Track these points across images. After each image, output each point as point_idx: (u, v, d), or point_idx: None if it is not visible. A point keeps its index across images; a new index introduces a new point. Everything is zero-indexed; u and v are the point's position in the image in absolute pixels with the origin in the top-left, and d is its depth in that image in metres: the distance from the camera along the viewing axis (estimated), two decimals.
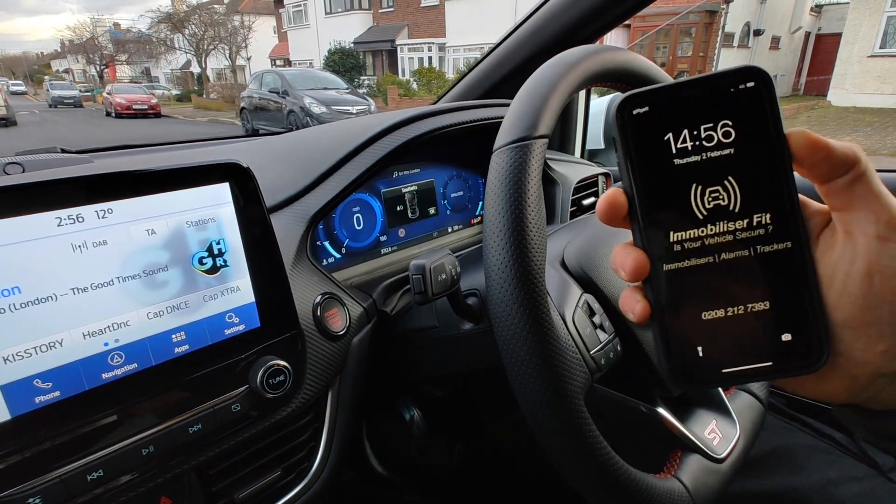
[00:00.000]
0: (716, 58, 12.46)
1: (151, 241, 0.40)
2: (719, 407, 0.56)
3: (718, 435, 0.52)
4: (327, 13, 20.07)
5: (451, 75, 14.80)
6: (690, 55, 12.93)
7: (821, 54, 15.17)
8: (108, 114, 17.45)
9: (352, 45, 18.33)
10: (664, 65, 12.72)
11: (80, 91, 25.96)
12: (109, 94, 17.86)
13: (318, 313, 0.54)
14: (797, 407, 0.97)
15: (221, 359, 0.45)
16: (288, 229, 0.57)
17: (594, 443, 0.40)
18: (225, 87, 22.10)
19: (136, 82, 28.14)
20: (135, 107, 16.73)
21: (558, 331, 0.40)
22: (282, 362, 0.47)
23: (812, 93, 14.52)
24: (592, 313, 0.46)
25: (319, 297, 0.55)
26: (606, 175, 0.97)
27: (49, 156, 0.65)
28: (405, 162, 0.76)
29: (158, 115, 17.27)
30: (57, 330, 0.37)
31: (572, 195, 0.85)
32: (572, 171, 0.89)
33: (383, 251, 0.75)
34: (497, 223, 0.39)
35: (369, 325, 0.62)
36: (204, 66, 21.69)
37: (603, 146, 1.23)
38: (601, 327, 0.46)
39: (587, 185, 0.91)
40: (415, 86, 14.61)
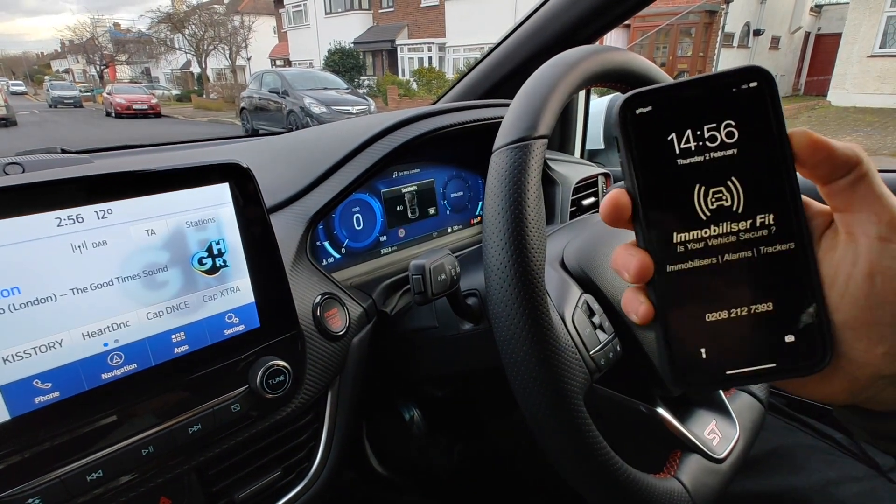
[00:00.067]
0: (716, 58, 12.46)
1: (151, 241, 0.40)
2: (719, 407, 0.56)
3: (718, 435, 0.52)
4: (327, 13, 20.07)
5: (451, 75, 14.80)
6: (690, 55, 12.93)
7: (821, 54, 15.17)
8: (108, 114, 17.45)
9: (352, 45, 18.33)
10: (664, 65, 12.73)
11: (80, 91, 25.95)
12: (109, 94, 17.86)
13: (318, 313, 0.54)
14: (797, 407, 0.97)
15: (221, 359, 0.45)
16: (288, 229, 0.57)
17: (594, 443, 0.40)
18: (225, 87, 22.10)
19: (136, 82, 28.15)
20: (135, 107, 16.73)
21: (558, 331, 0.40)
22: (281, 362, 0.47)
23: (812, 93, 14.53)
24: (592, 313, 0.46)
25: (319, 297, 0.55)
26: (606, 175, 0.97)
27: (49, 156, 0.65)
28: (405, 162, 0.76)
29: (158, 116, 17.27)
30: (56, 330, 0.37)
31: (572, 195, 0.85)
32: (572, 171, 0.89)
33: (383, 251, 0.75)
34: (497, 223, 0.39)
35: (369, 326, 0.62)
36: (204, 66, 21.69)
37: (603, 146, 1.23)
38: (601, 327, 0.46)
39: (587, 186, 0.91)
40: (415, 86, 14.61)
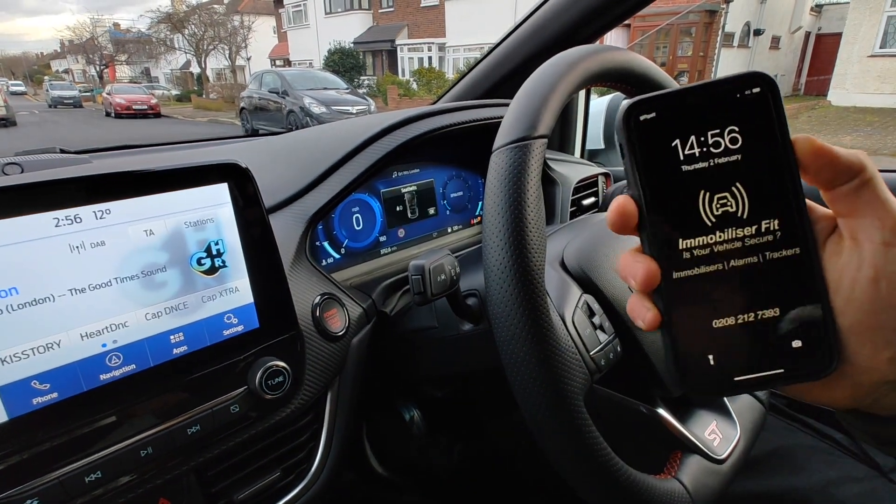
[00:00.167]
0: (716, 58, 12.46)
1: (150, 241, 0.40)
2: (720, 408, 0.56)
3: (719, 436, 0.52)
4: (327, 13, 20.07)
5: (450, 75, 14.79)
6: (690, 55, 12.93)
7: (821, 54, 15.18)
8: (108, 114, 17.44)
9: (352, 45, 18.33)
10: (664, 65, 12.72)
11: (80, 91, 25.93)
12: (109, 94, 17.86)
13: (318, 314, 0.54)
14: (798, 407, 0.96)
15: (220, 360, 0.45)
16: (287, 230, 0.57)
17: (594, 443, 0.40)
18: (225, 87, 22.10)
19: (135, 82, 28.12)
20: (134, 107, 16.72)
21: (558, 331, 0.40)
22: (281, 363, 0.47)
23: (812, 93, 14.53)
24: (592, 314, 0.46)
25: (318, 297, 0.55)
26: (606, 175, 0.97)
27: (48, 156, 0.65)
28: (405, 162, 0.76)
29: (158, 116, 17.26)
30: (55, 331, 0.37)
31: (572, 195, 0.85)
32: (572, 171, 0.88)
33: (383, 251, 0.75)
34: (496, 223, 0.39)
35: (369, 326, 0.62)
36: (204, 66, 21.69)
37: (603, 146, 1.23)
38: (601, 328, 0.46)
39: (587, 186, 0.91)
40: (415, 86, 14.61)
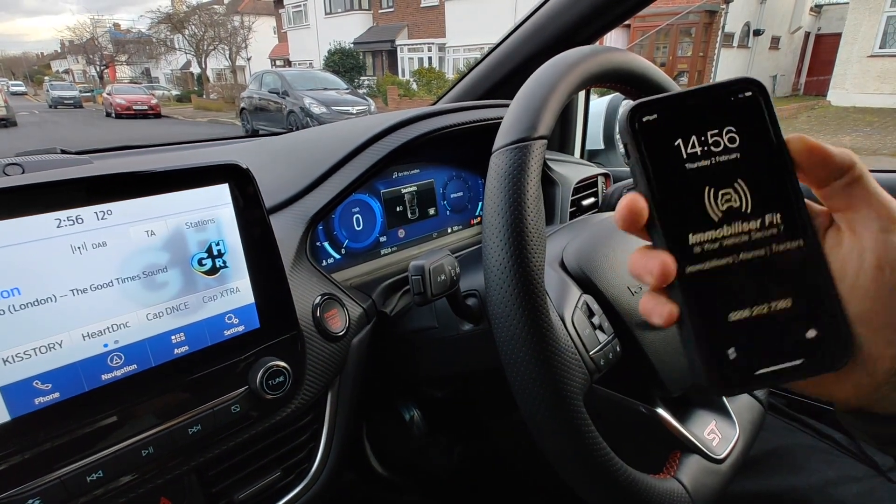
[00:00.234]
0: (716, 58, 12.46)
1: (151, 242, 0.40)
2: (719, 407, 0.56)
3: (718, 435, 0.52)
4: (327, 13, 20.07)
5: (450, 76, 14.79)
6: (690, 55, 12.92)
7: (821, 54, 15.17)
8: (108, 114, 17.43)
9: (352, 45, 18.33)
10: (664, 65, 12.72)
11: (80, 91, 25.90)
12: (109, 94, 17.85)
13: (318, 314, 0.54)
14: (797, 407, 0.97)
15: (221, 360, 0.45)
16: (287, 230, 0.57)
17: (593, 444, 0.40)
18: (225, 87, 22.10)
19: (136, 83, 28.11)
20: (135, 107, 16.72)
21: (557, 332, 0.40)
22: (281, 363, 0.48)
23: (812, 93, 14.53)
24: (591, 314, 0.46)
25: (319, 297, 0.55)
26: (606, 175, 0.97)
27: (49, 157, 0.65)
28: (405, 162, 0.76)
29: (158, 116, 17.26)
30: (56, 331, 0.37)
31: (572, 196, 0.85)
32: (572, 171, 0.89)
33: (383, 252, 0.75)
34: (496, 224, 0.39)
35: (369, 326, 0.62)
36: (204, 66, 21.69)
37: (602, 146, 1.23)
38: (600, 328, 0.46)
39: (587, 186, 0.91)
40: (415, 86, 14.61)
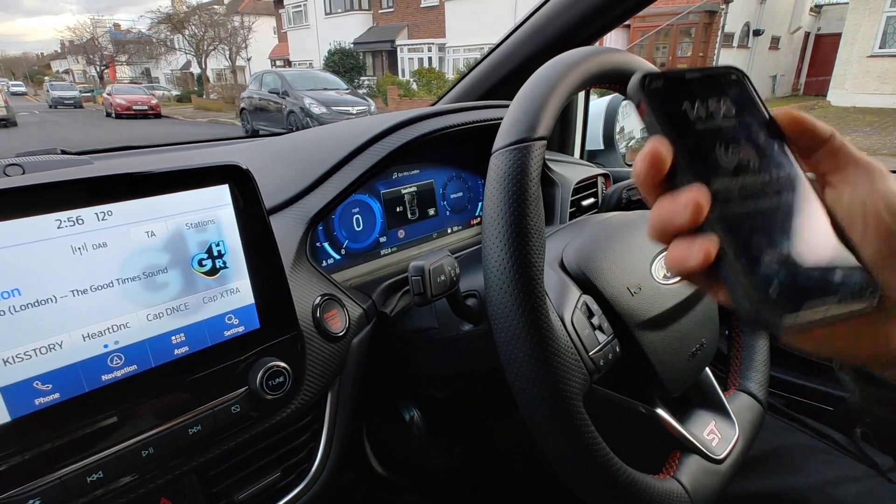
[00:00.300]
0: (715, 58, 12.46)
1: (151, 242, 0.40)
2: (718, 408, 0.56)
3: (717, 436, 0.53)
4: (327, 13, 20.07)
5: (450, 76, 14.79)
6: (690, 55, 12.92)
7: (820, 54, 15.17)
8: (109, 114, 17.43)
9: (352, 45, 18.32)
10: (664, 65, 12.69)
11: (81, 92, 25.88)
12: (109, 94, 17.85)
13: (318, 314, 0.54)
14: (796, 407, 0.97)
15: (221, 360, 0.45)
16: (287, 231, 0.57)
17: (593, 444, 0.40)
18: (225, 87, 22.09)
19: (136, 83, 28.10)
20: (135, 107, 16.72)
21: (557, 332, 0.40)
22: (281, 363, 0.48)
23: (812, 93, 14.53)
24: (591, 314, 0.46)
25: (319, 298, 0.55)
26: (606, 176, 0.97)
27: (49, 157, 0.65)
28: (405, 163, 0.76)
29: (158, 116, 17.26)
30: (57, 332, 0.37)
31: (571, 196, 0.85)
32: (571, 171, 0.89)
33: (383, 252, 0.75)
34: (496, 225, 0.39)
35: (369, 327, 0.62)
36: (204, 66, 21.69)
37: (602, 147, 1.23)
38: (600, 328, 0.46)
39: (586, 186, 0.91)
40: (415, 86, 14.61)
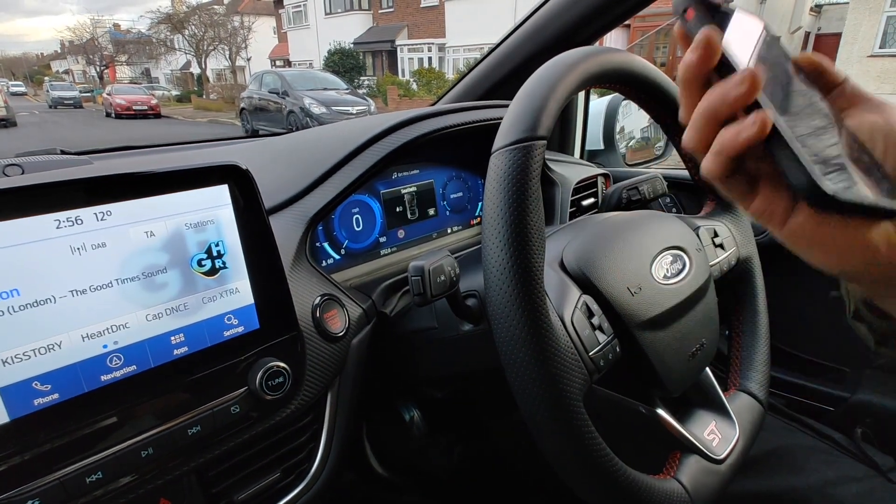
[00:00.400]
0: None
1: (150, 243, 0.40)
2: (719, 408, 0.56)
3: (718, 436, 0.52)
4: (327, 14, 20.07)
5: (450, 76, 14.79)
6: None
7: (821, 54, 15.15)
8: (108, 114, 17.44)
9: (352, 45, 18.33)
10: (664, 65, 12.70)
11: (80, 92, 25.90)
12: (109, 94, 17.86)
13: (318, 314, 0.54)
14: (797, 408, 0.97)
15: (220, 360, 0.45)
16: (287, 231, 0.57)
17: (593, 444, 0.40)
18: (225, 87, 22.09)
19: (135, 83, 28.10)
20: (135, 107, 16.73)
21: (557, 332, 0.40)
22: (281, 364, 0.48)
23: None
24: (591, 314, 0.46)
25: (318, 298, 0.55)
26: (606, 176, 0.97)
27: (48, 157, 0.65)
28: (405, 163, 0.76)
29: (158, 116, 17.27)
30: (56, 332, 0.37)
31: (571, 196, 0.85)
32: (572, 171, 0.89)
33: (382, 252, 0.75)
34: (496, 225, 0.39)
35: (369, 327, 0.62)
36: (204, 66, 21.69)
37: (602, 147, 1.23)
38: (600, 328, 0.46)
39: (586, 186, 0.91)
40: (414, 86, 14.61)
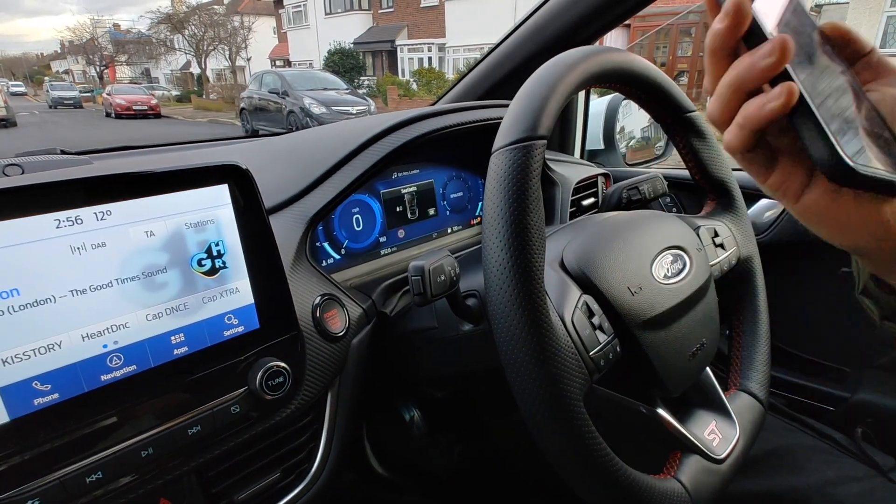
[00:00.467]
0: None
1: (150, 242, 0.40)
2: (719, 408, 0.56)
3: (718, 436, 0.52)
4: (327, 14, 20.07)
5: (450, 76, 14.79)
6: (690, 55, 12.92)
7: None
8: (108, 114, 17.45)
9: (352, 45, 18.33)
10: (664, 65, 12.72)
11: (80, 92, 25.90)
12: (109, 94, 17.87)
13: (318, 314, 0.54)
14: (797, 407, 0.97)
15: (220, 360, 0.45)
16: (287, 230, 0.57)
17: (593, 444, 0.40)
18: (225, 87, 22.09)
19: (135, 83, 28.08)
20: (135, 107, 16.74)
21: (557, 332, 0.40)
22: (281, 364, 0.47)
23: None
24: (591, 314, 0.46)
25: (319, 298, 0.55)
26: (606, 175, 0.97)
27: (48, 157, 0.64)
28: (405, 163, 0.76)
29: (158, 116, 17.28)
30: (56, 332, 0.37)
31: (572, 196, 0.85)
32: (572, 171, 0.89)
33: (383, 252, 0.75)
34: (496, 224, 0.39)
35: (369, 326, 0.62)
36: (204, 66, 21.69)
37: (602, 146, 1.23)
38: (600, 328, 0.46)
39: (587, 186, 0.91)
40: (414, 86, 14.61)
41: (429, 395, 0.74)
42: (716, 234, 0.60)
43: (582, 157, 1.18)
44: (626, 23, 1.26)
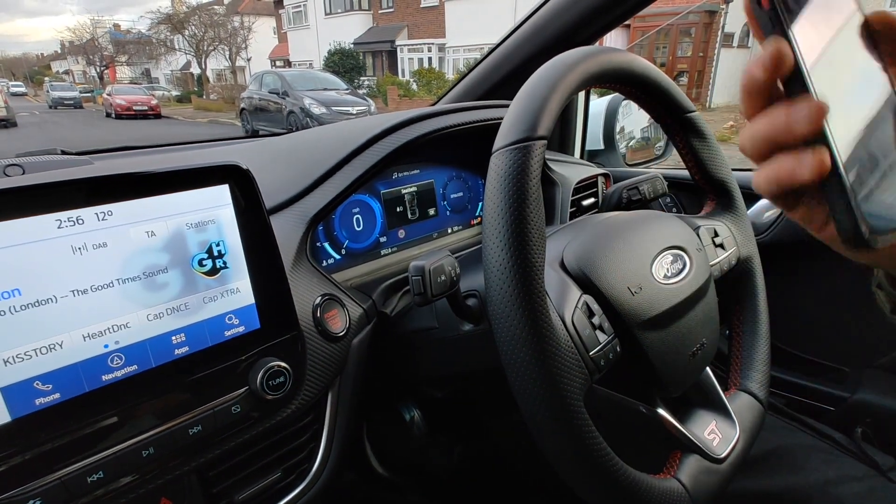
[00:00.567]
0: (715, 58, 12.45)
1: (151, 242, 0.40)
2: (719, 407, 0.56)
3: (718, 435, 0.52)
4: (327, 14, 20.08)
5: (450, 76, 14.80)
6: (690, 55, 12.91)
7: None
8: (109, 115, 17.46)
9: (352, 45, 18.34)
10: (664, 65, 12.71)
11: (80, 92, 25.92)
12: (109, 95, 17.88)
13: (318, 314, 0.54)
14: (797, 407, 0.97)
15: (221, 360, 0.45)
16: (288, 230, 0.57)
17: (593, 444, 0.40)
18: (225, 87, 22.08)
19: (136, 83, 28.07)
20: (135, 108, 16.75)
21: (557, 332, 0.40)
22: (282, 363, 0.48)
23: None
24: (591, 314, 0.46)
25: (319, 298, 0.55)
26: (606, 176, 0.97)
27: (49, 157, 0.65)
28: (405, 163, 0.76)
29: (158, 116, 17.28)
30: (57, 332, 0.37)
31: (572, 196, 0.85)
32: (572, 171, 0.89)
33: (383, 252, 0.75)
34: (496, 224, 0.39)
35: (369, 326, 0.62)
36: (204, 67, 21.70)
37: (602, 147, 1.23)
38: (600, 328, 0.46)
39: (587, 186, 0.91)
40: (415, 86, 14.62)
41: (429, 395, 0.74)
42: (716, 234, 0.60)
43: (582, 157, 1.19)
44: (626, 23, 1.26)
